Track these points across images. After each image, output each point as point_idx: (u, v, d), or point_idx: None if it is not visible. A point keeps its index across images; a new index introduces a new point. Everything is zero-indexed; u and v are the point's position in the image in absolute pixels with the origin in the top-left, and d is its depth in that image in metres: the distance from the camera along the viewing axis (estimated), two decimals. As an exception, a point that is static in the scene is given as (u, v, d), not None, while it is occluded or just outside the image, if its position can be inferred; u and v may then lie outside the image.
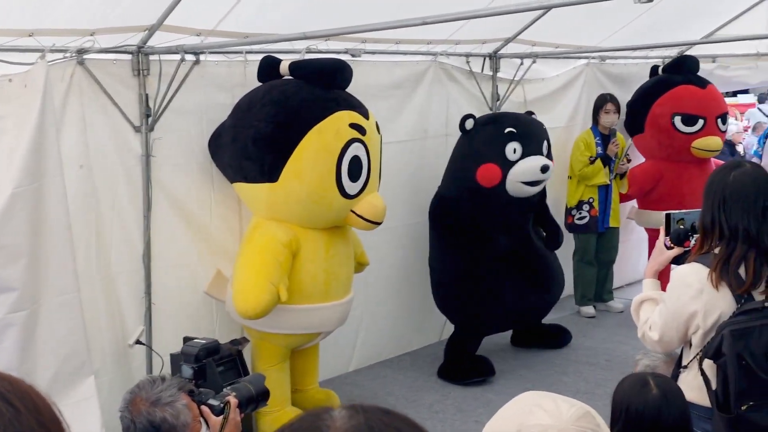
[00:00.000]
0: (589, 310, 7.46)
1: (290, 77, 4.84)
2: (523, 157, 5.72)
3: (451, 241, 5.98)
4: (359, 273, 5.40)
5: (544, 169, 5.73)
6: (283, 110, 4.62)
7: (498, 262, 5.89)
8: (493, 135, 5.82)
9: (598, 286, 7.57)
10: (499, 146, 5.74)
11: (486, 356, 6.11)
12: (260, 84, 4.91)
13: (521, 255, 5.99)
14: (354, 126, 4.68)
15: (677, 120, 7.29)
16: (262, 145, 4.61)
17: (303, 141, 4.54)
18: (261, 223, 4.78)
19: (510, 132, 5.77)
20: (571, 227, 7.21)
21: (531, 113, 6.28)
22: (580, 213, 7.10)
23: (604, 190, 7.14)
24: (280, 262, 4.60)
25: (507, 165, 5.71)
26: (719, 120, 7.40)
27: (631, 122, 7.59)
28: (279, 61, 4.88)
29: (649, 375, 2.74)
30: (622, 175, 7.28)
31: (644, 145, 7.63)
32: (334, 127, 4.60)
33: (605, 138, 7.12)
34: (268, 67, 4.90)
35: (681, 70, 7.49)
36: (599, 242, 7.35)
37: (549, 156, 5.91)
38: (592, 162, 6.98)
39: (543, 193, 6.12)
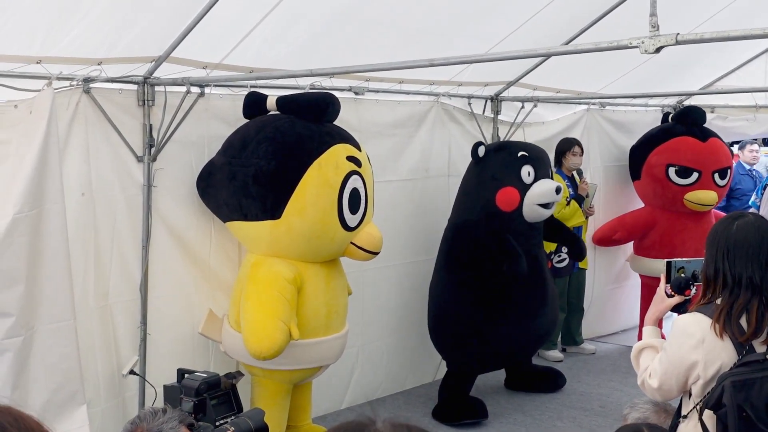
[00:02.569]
0: (556, 354, 7.40)
1: (277, 113, 4.83)
2: (536, 180, 5.86)
3: (459, 274, 5.95)
4: (359, 299, 5.42)
5: (558, 190, 5.89)
6: (282, 147, 4.61)
7: (503, 299, 5.86)
8: (507, 159, 5.94)
9: (571, 328, 7.56)
10: (515, 170, 5.87)
11: (480, 398, 6.07)
12: (246, 120, 4.89)
13: (532, 281, 5.96)
14: (351, 159, 4.70)
15: (671, 171, 7.33)
16: (264, 183, 4.58)
17: (305, 177, 4.55)
18: (262, 261, 4.73)
19: (523, 156, 5.91)
20: (552, 272, 7.14)
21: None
22: (559, 256, 7.05)
23: (578, 232, 7.14)
24: (288, 300, 4.57)
25: (524, 188, 5.84)
26: (716, 174, 7.39)
27: (631, 167, 7.65)
28: (264, 96, 4.87)
29: (644, 425, 2.73)
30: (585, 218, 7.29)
31: (641, 191, 7.70)
32: (333, 160, 4.62)
33: (570, 180, 7.15)
34: (254, 103, 4.88)
35: (686, 120, 7.52)
36: (570, 285, 7.35)
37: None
38: (568, 203, 7.01)
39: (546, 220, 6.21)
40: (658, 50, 3.32)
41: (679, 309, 3.14)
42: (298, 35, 4.94)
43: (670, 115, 7.80)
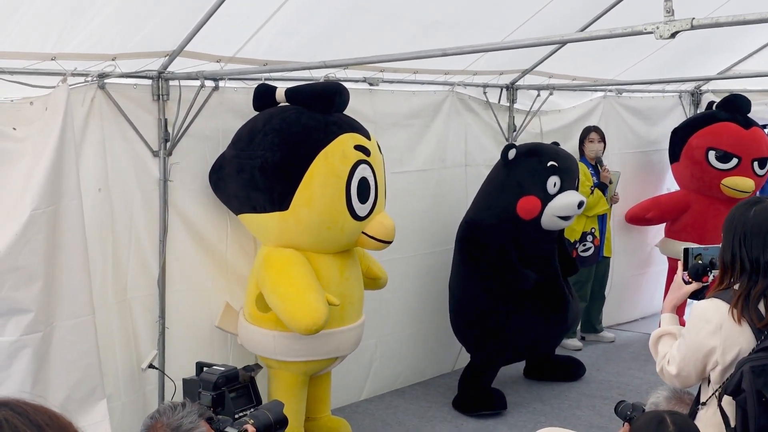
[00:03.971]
0: (575, 343, 7.37)
1: (286, 104, 4.82)
2: (561, 191, 5.80)
3: (477, 270, 5.94)
4: (376, 291, 5.40)
5: (581, 205, 5.85)
6: (288, 138, 4.60)
7: (523, 296, 5.86)
8: (536, 167, 5.87)
9: (591, 317, 7.53)
10: (542, 179, 5.82)
11: (500, 389, 6.06)
12: (257, 113, 4.88)
13: (548, 288, 5.97)
14: (359, 148, 4.67)
15: (711, 155, 7.30)
16: (271, 174, 4.58)
17: (311, 167, 4.54)
18: (273, 250, 4.74)
19: (552, 165, 5.84)
20: (578, 260, 7.13)
21: (556, 144, 6.33)
22: (584, 245, 7.05)
23: (602, 220, 7.13)
24: (312, 273, 4.59)
25: (547, 198, 5.78)
26: (756, 163, 7.34)
27: (671, 149, 7.61)
28: (274, 88, 4.86)
29: (666, 413, 2.71)
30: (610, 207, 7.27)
31: (678, 174, 7.66)
32: (340, 150, 4.60)
33: (594, 168, 7.12)
34: (263, 95, 4.87)
35: (731, 108, 7.48)
36: (595, 273, 7.32)
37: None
38: (591, 192, 6.97)
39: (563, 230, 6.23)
40: (673, 36, 3.28)
41: (697, 296, 3.13)
42: (312, 27, 4.93)
43: (715, 104, 7.73)
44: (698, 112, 7.89)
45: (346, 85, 5.32)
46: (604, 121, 7.61)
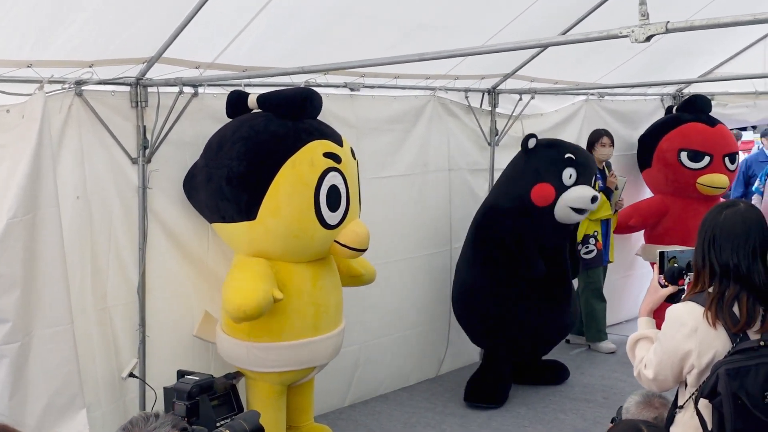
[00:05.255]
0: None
1: (259, 110, 4.78)
2: (576, 184, 5.95)
3: (491, 255, 6.10)
4: (360, 297, 5.38)
5: (594, 199, 5.98)
6: (254, 146, 4.54)
7: (531, 285, 6.02)
8: (553, 157, 6.07)
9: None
10: (558, 169, 5.99)
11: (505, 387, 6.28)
12: (230, 120, 4.84)
13: (556, 281, 6.12)
14: (328, 155, 4.60)
15: (683, 155, 7.39)
16: (237, 184, 4.53)
17: (277, 176, 4.48)
18: (244, 258, 4.73)
19: (569, 158, 6.03)
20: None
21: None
22: (587, 247, 7.09)
23: (605, 224, 7.16)
24: (268, 274, 4.54)
25: (561, 188, 5.95)
26: (727, 159, 7.47)
27: (641, 156, 7.67)
28: (246, 95, 4.82)
29: (642, 423, 2.71)
30: (615, 212, 7.32)
31: (651, 179, 7.71)
32: (308, 158, 4.53)
33: (601, 172, 7.13)
34: (236, 102, 4.83)
35: (693, 109, 7.61)
36: (602, 278, 7.37)
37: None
38: None
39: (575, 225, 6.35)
40: (648, 39, 3.29)
41: (674, 299, 3.13)
42: (292, 33, 4.91)
43: (674, 107, 7.83)
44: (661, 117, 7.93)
45: (327, 90, 5.33)
46: (586, 124, 7.63)
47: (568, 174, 5.96)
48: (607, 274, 7.54)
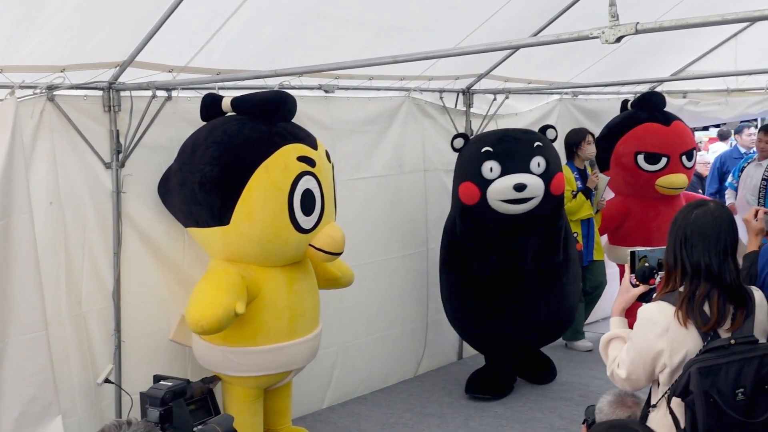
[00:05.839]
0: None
1: (233, 113, 4.76)
2: (501, 175, 5.80)
3: (445, 258, 6.24)
4: (337, 299, 5.39)
5: (519, 187, 5.76)
6: (227, 151, 4.50)
7: (482, 283, 6.02)
8: (471, 154, 5.97)
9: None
10: (476, 165, 5.87)
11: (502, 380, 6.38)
12: (204, 123, 4.80)
13: (511, 275, 6.00)
14: (302, 159, 4.58)
15: (640, 158, 7.32)
16: (210, 189, 4.49)
17: (251, 180, 4.45)
18: (217, 262, 4.71)
19: (487, 151, 5.88)
20: None
21: (548, 127, 6.27)
22: None
23: (586, 224, 7.14)
24: (235, 284, 4.47)
25: (484, 183, 5.83)
26: (684, 157, 7.40)
27: (599, 159, 7.64)
28: (221, 98, 4.79)
29: (638, 425, 2.74)
30: (597, 212, 7.31)
31: (611, 181, 7.66)
32: (282, 162, 4.51)
33: (581, 172, 7.15)
34: (210, 105, 4.79)
35: (647, 106, 7.49)
36: (584, 277, 7.35)
37: (548, 173, 5.87)
38: (574, 196, 6.99)
39: (553, 216, 6.07)
40: (618, 40, 3.33)
41: (645, 298, 3.16)
42: (265, 35, 4.91)
43: (629, 102, 7.75)
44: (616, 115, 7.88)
45: (301, 93, 5.33)
46: (560, 123, 7.65)
47: (488, 168, 5.81)
48: (597, 273, 7.51)
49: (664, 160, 7.31)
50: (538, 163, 5.87)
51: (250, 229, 4.51)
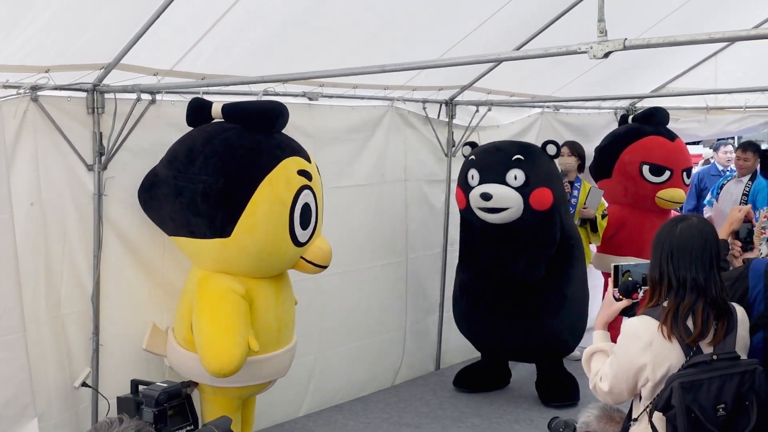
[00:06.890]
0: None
1: (221, 120, 4.67)
2: (479, 183, 6.03)
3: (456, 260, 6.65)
4: (315, 307, 5.49)
5: (485, 196, 5.94)
6: (231, 163, 4.40)
7: (463, 287, 6.39)
8: (464, 162, 6.34)
9: None
10: (464, 172, 6.23)
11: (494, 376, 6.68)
12: (191, 128, 4.72)
13: (486, 283, 6.21)
14: (301, 172, 4.55)
15: (645, 169, 7.43)
16: (214, 201, 4.39)
17: (255, 194, 4.37)
18: (210, 276, 4.57)
19: (471, 159, 6.24)
20: None
21: (550, 142, 6.29)
22: None
23: None
24: (242, 313, 4.43)
25: (468, 190, 6.11)
26: (684, 173, 7.57)
27: (599, 166, 7.70)
28: (209, 103, 4.72)
29: None
30: (592, 226, 7.23)
31: (610, 190, 7.70)
32: (285, 176, 4.46)
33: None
34: (198, 110, 4.71)
35: (651, 121, 7.61)
36: None
37: (526, 187, 5.90)
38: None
39: (538, 231, 6.07)
40: (606, 55, 3.35)
41: (628, 312, 3.18)
42: (251, 41, 4.90)
43: (630, 116, 7.85)
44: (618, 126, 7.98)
45: (285, 99, 5.30)
46: (542, 136, 7.68)
47: (471, 175, 6.09)
48: None
49: (667, 173, 7.43)
50: (515, 176, 5.93)
51: (251, 243, 4.43)
